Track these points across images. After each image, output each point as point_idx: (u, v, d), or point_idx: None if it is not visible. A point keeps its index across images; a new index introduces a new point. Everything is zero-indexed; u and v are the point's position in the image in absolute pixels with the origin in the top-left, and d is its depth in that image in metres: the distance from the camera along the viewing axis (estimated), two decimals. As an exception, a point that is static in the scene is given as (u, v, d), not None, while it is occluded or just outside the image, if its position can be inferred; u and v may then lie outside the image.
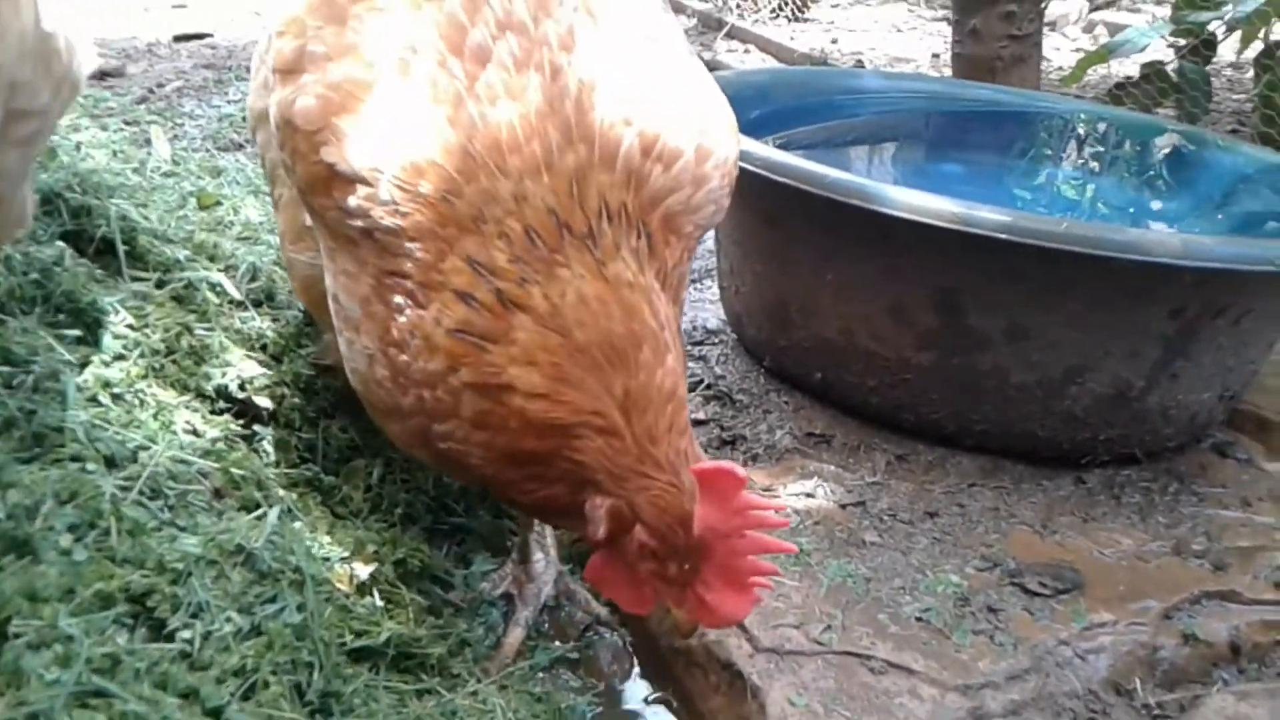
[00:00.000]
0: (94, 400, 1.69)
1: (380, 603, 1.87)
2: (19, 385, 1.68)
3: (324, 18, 1.59)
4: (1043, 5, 4.15)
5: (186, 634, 1.43)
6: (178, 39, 6.33)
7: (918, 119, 3.28)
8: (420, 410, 1.55)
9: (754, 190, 2.37)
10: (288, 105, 1.57)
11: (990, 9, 4.03)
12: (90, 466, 1.56)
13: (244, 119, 4.92)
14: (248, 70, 5.69)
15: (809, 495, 2.24)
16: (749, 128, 2.89)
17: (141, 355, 1.87)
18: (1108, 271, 2.07)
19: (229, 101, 5.08)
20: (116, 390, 1.74)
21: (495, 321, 1.46)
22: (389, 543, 2.01)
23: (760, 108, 3.03)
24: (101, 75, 5.37)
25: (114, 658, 1.35)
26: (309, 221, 1.77)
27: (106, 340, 1.88)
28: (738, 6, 7.49)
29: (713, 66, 6.34)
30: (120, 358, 1.85)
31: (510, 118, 1.50)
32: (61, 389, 1.70)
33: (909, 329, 2.32)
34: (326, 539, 1.91)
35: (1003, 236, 2.06)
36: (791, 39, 6.75)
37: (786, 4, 7.64)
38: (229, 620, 1.47)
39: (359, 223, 1.50)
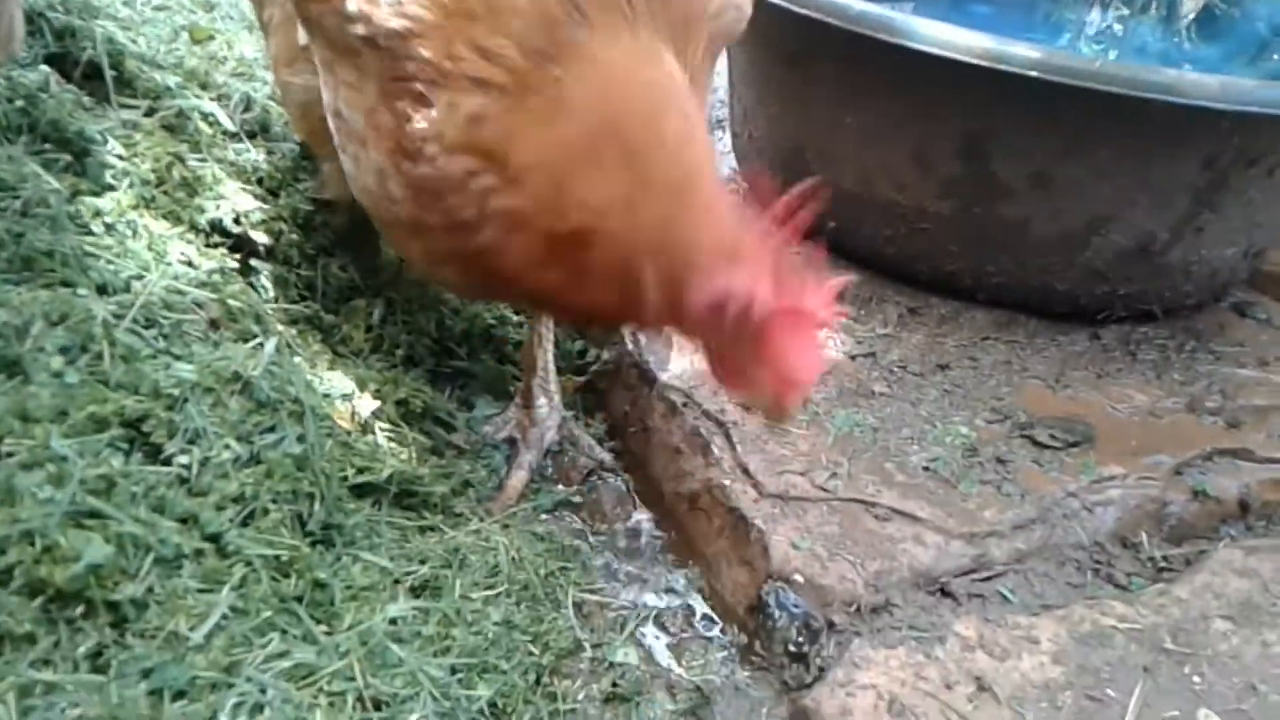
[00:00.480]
0: (85, 228, 1.63)
1: (382, 441, 1.85)
2: (5, 209, 1.61)
3: None
4: None
5: (184, 459, 1.40)
6: None
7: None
8: (447, 222, 1.45)
9: (771, 26, 2.25)
10: None
11: None
12: (81, 291, 1.51)
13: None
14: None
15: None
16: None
17: (131, 185, 1.80)
18: (1142, 115, 1.97)
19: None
20: (108, 219, 1.67)
21: (504, 111, 1.36)
22: (391, 382, 1.97)
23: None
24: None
25: (109, 480, 1.32)
26: (304, 40, 1.67)
27: (95, 169, 1.80)
28: None
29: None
30: (110, 187, 1.78)
31: None
32: (51, 214, 1.64)
33: (930, 176, 2.23)
34: (327, 374, 1.87)
35: (1035, 75, 1.95)
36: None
37: None
38: (227, 448, 1.44)
39: (360, 28, 1.41)
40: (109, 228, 1.67)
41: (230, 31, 3.39)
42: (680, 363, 2.12)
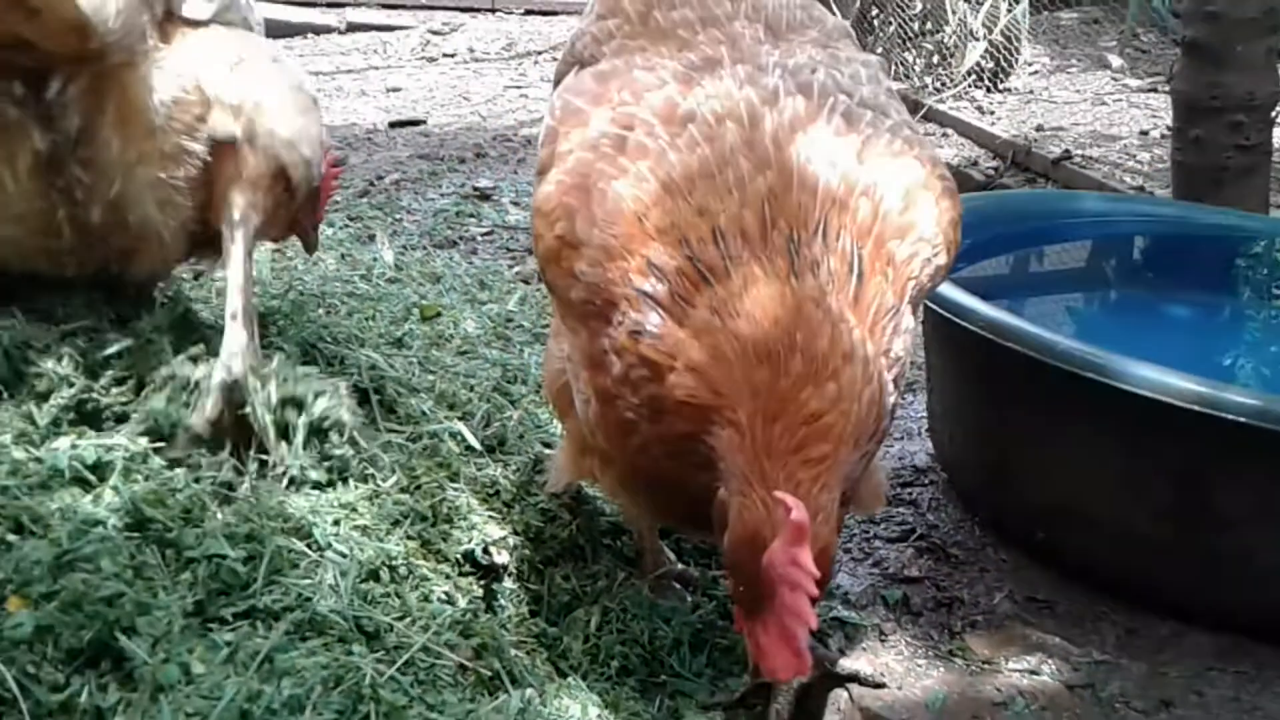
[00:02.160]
0: (374, 576, 1.80)
1: (603, 771, 1.93)
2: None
3: (572, 125, 1.83)
4: (1275, 115, 3.91)
5: (442, 825, 1.51)
6: (393, 125, 6.72)
7: (1141, 246, 3.16)
8: (619, 425, 1.70)
9: (973, 347, 2.34)
10: (536, 197, 1.86)
11: (1215, 118, 3.83)
12: (355, 649, 1.66)
13: (457, 214, 5.17)
14: (459, 160, 6.02)
15: (1033, 672, 2.17)
16: (967, 254, 2.87)
17: (413, 523, 2.00)
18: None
19: (442, 195, 5.36)
20: (394, 564, 1.85)
21: (670, 298, 1.58)
22: (610, 705, 2.06)
23: (978, 234, 2.99)
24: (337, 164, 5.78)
25: None
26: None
27: (388, 507, 2.01)
28: (934, 77, 7.39)
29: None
30: (397, 524, 1.98)
31: (705, 154, 1.65)
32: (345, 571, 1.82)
33: (1143, 502, 2.23)
34: (554, 703, 1.98)
35: (1252, 424, 1.96)
36: (989, 117, 6.61)
37: (983, 75, 7.48)
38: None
39: (584, 280, 1.68)
40: (394, 573, 1.84)
41: (455, 308, 3.74)
42: (892, 690, 2.13)
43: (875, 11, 8.05)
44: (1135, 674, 2.18)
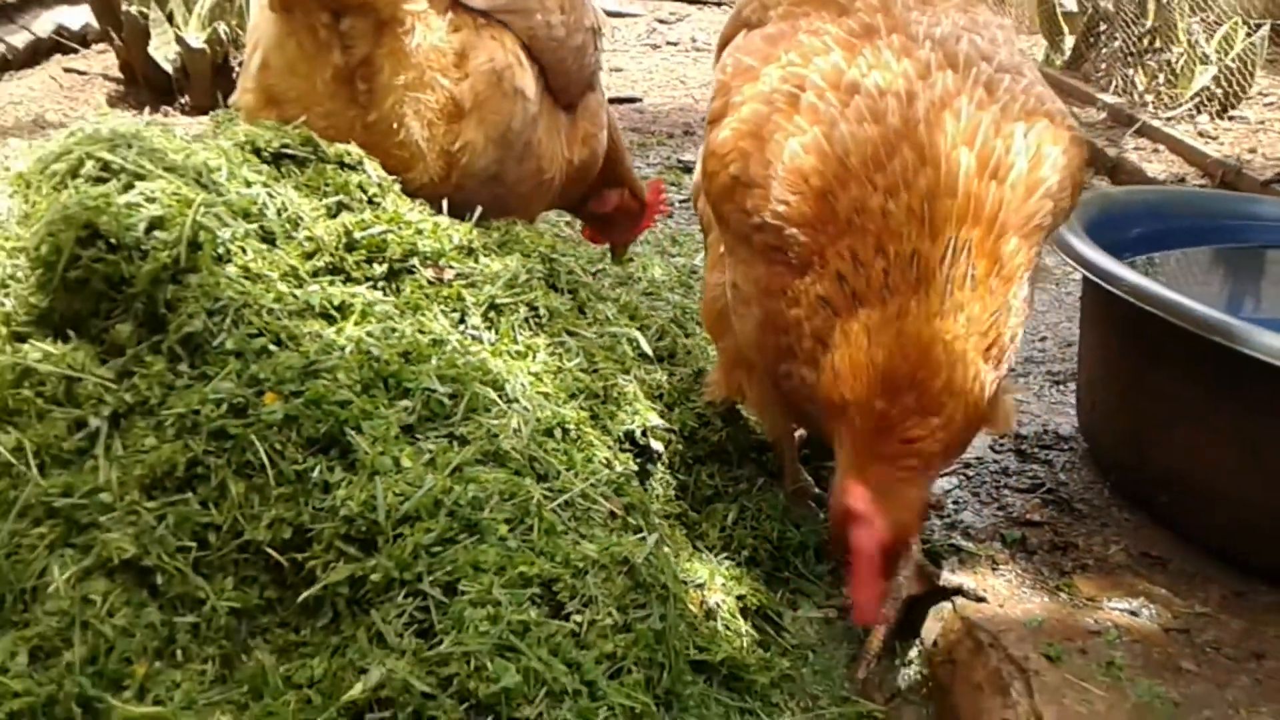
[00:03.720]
0: (548, 433, 2.16)
1: (721, 628, 2.22)
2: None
3: (744, 80, 2.12)
4: None
5: (578, 618, 1.84)
6: (611, 101, 7.15)
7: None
8: (776, 347, 2.07)
9: (1116, 311, 2.49)
10: (711, 141, 2.14)
11: None
12: (527, 481, 2.02)
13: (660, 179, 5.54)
14: (668, 135, 6.40)
15: (1132, 613, 2.32)
16: (1132, 244, 3.00)
17: (587, 399, 2.35)
18: None
19: (649, 165, 5.74)
20: (567, 427, 2.20)
21: (846, 303, 1.92)
22: (735, 579, 2.35)
23: (1146, 225, 3.10)
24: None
25: (525, 624, 1.77)
26: (721, 249, 2.34)
27: (568, 381, 2.37)
28: (1155, 99, 7.23)
29: (1116, 165, 6.24)
30: (573, 396, 2.34)
31: (874, 136, 1.90)
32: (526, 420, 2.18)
33: (1262, 473, 2.33)
34: (687, 565, 2.29)
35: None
36: (1208, 140, 6.46)
37: (1211, 99, 7.25)
38: (609, 615, 1.86)
39: (754, 219, 1.99)
40: (565, 433, 2.19)
41: (645, 255, 4.09)
42: (993, 607, 2.33)
43: (1103, 26, 7.95)
44: (1233, 628, 2.29)
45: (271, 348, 2.03)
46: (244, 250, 2.13)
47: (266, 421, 1.92)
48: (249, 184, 2.28)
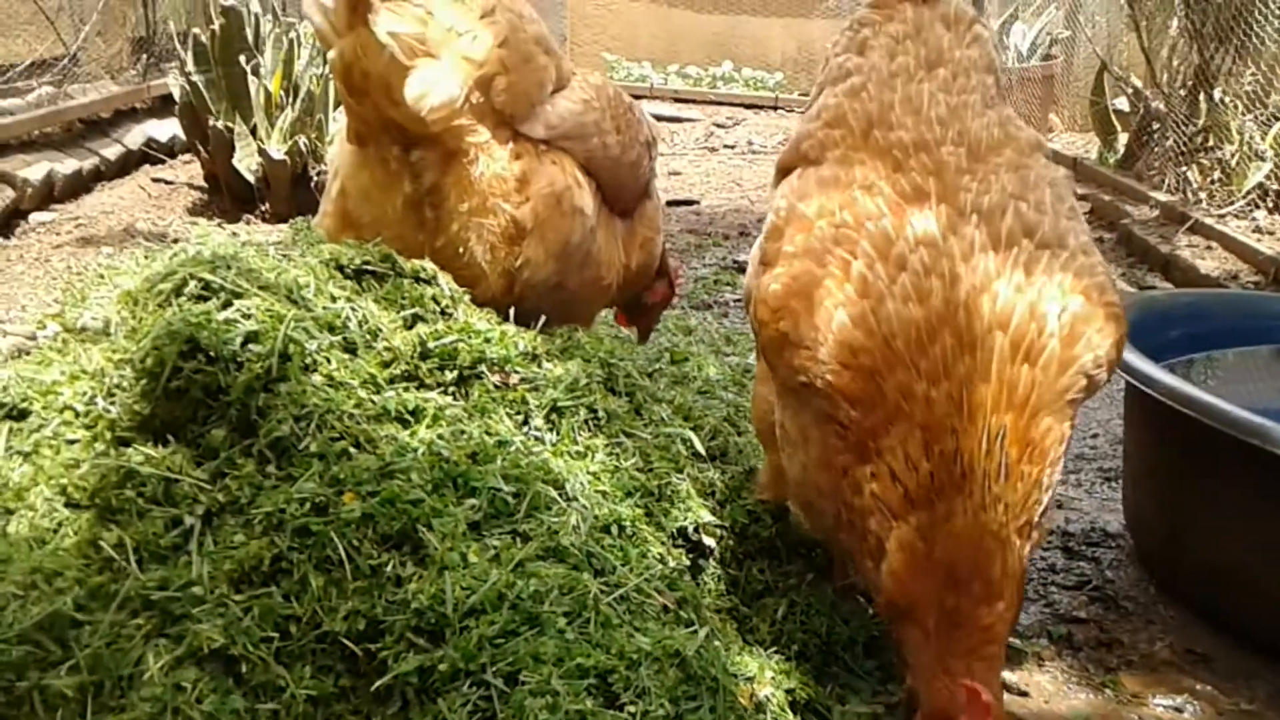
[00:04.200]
0: (605, 529, 2.29)
1: (771, 720, 2.30)
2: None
3: (797, 229, 2.21)
4: None
5: (632, 709, 1.93)
6: (670, 204, 7.43)
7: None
8: (834, 514, 2.14)
9: (1156, 414, 2.57)
10: (764, 287, 2.22)
11: None
12: (585, 576, 2.15)
13: (715, 282, 5.74)
14: (724, 237, 6.62)
15: (1177, 709, 2.36)
16: (1172, 344, 3.08)
17: (642, 497, 2.48)
18: None
19: (705, 265, 5.93)
20: (623, 524, 2.33)
21: (901, 506, 1.98)
22: (784, 673, 2.43)
23: (1186, 327, 3.18)
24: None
25: (582, 714, 1.88)
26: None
27: (625, 480, 2.51)
28: (1208, 197, 7.29)
29: (1167, 261, 6.30)
30: (629, 494, 2.47)
31: (918, 319, 1.99)
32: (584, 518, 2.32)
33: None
34: (738, 659, 2.37)
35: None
36: (1263, 237, 6.50)
37: (1267, 195, 7.28)
38: (662, 706, 1.96)
39: (803, 377, 2.08)
40: (621, 530, 2.32)
41: (700, 355, 4.24)
42: (1038, 703, 2.38)
43: (1155, 125, 8.06)
44: (1280, 726, 2.32)
45: (351, 450, 2.20)
46: (328, 360, 2.32)
47: (345, 519, 2.08)
48: (334, 299, 2.48)
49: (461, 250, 2.86)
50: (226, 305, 2.26)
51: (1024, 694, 2.38)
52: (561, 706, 1.87)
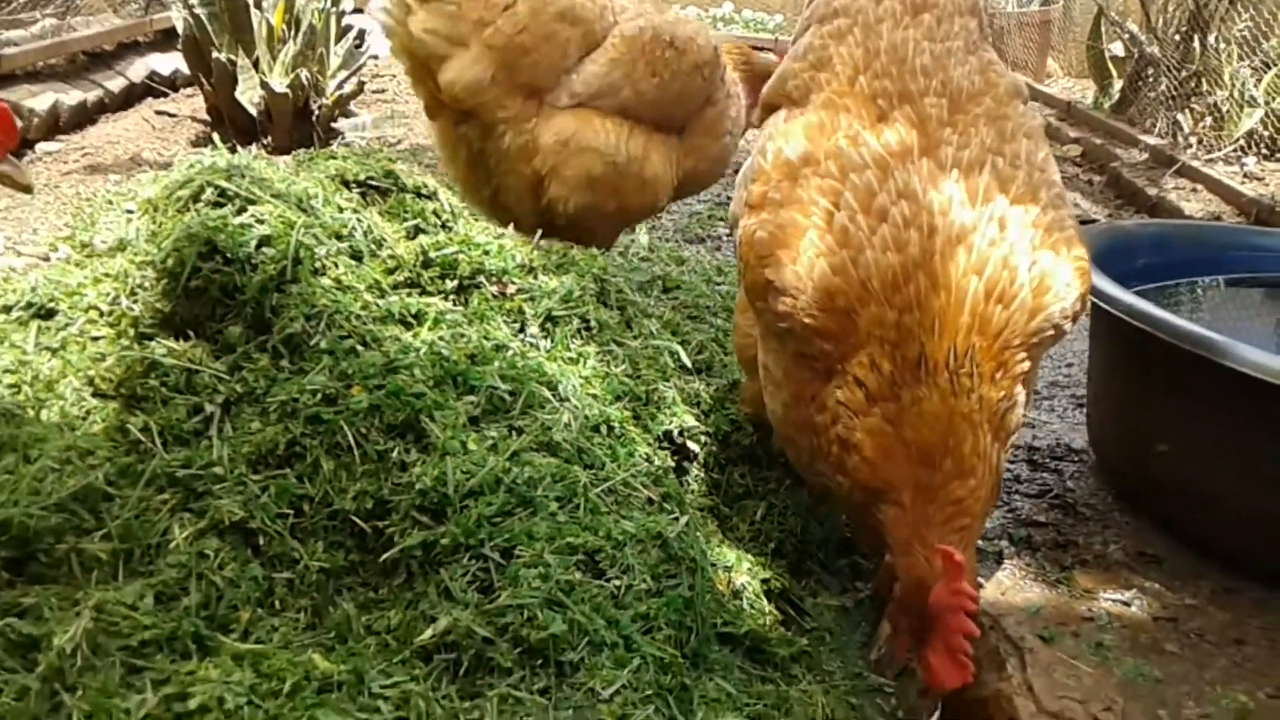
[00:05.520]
0: (595, 428, 2.46)
1: (746, 606, 2.48)
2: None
3: (783, 175, 2.31)
4: None
5: (617, 582, 2.12)
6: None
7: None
8: (809, 448, 2.26)
9: (1115, 330, 2.73)
10: (750, 232, 2.32)
11: None
12: (576, 468, 2.31)
13: (709, 217, 5.87)
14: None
15: (1125, 604, 2.54)
16: (1137, 273, 3.22)
17: (630, 401, 2.64)
18: None
19: (699, 201, 6.05)
20: (612, 424, 2.50)
21: (862, 405, 2.12)
22: (761, 565, 2.61)
23: (1152, 256, 3.32)
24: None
25: (571, 584, 2.06)
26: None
27: (614, 385, 2.67)
28: (1199, 141, 7.39)
29: (1154, 204, 6.43)
30: (618, 398, 2.63)
31: (894, 264, 2.11)
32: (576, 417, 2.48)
33: (1255, 477, 2.54)
34: (717, 549, 2.56)
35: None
36: (1253, 181, 6.61)
37: (1259, 142, 7.37)
38: (644, 581, 2.14)
39: (784, 323, 2.20)
40: (610, 430, 2.49)
41: (691, 283, 4.37)
42: (995, 594, 2.57)
43: (1149, 70, 8.13)
44: (1219, 619, 2.50)
45: (358, 348, 2.36)
46: (336, 265, 2.47)
47: (353, 410, 2.24)
48: (341, 210, 2.63)
49: (502, 198, 3.70)
50: (241, 211, 2.40)
51: (979, 586, 2.55)
52: (553, 576, 2.05)
